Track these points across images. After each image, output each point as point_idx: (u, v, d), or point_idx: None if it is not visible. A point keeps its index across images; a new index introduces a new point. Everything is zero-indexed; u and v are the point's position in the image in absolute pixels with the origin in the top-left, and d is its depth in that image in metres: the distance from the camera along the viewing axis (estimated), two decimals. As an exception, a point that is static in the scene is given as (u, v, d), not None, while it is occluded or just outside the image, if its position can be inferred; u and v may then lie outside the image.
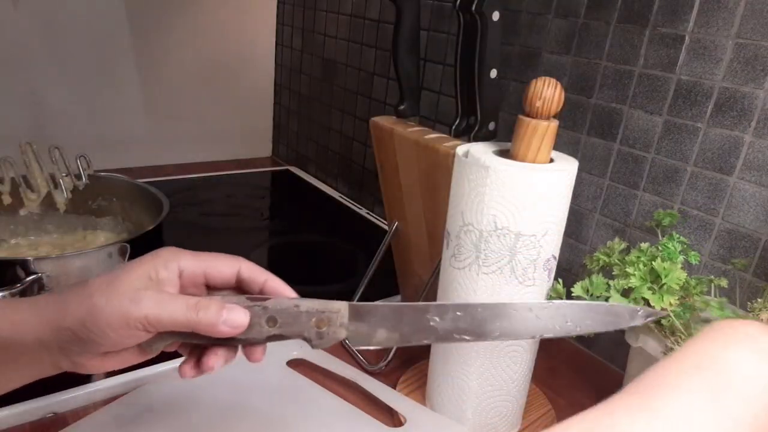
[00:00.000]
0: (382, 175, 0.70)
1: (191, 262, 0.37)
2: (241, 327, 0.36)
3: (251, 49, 1.29)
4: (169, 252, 0.37)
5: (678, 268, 0.47)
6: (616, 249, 0.53)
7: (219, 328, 0.35)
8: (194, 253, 0.38)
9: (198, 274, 0.38)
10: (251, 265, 0.39)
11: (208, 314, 0.35)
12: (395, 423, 0.55)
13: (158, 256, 0.37)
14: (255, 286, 0.39)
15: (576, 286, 0.49)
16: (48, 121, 1.07)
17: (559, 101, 0.45)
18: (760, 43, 0.54)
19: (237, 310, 0.36)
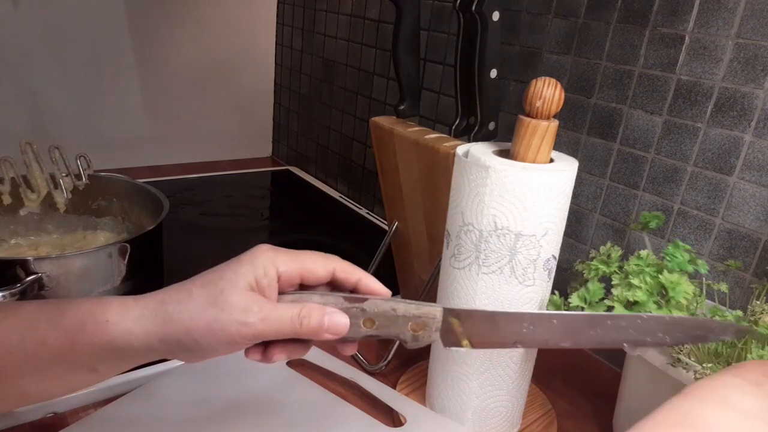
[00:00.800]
0: (382, 175, 0.70)
1: (288, 266, 0.38)
2: (342, 332, 0.37)
3: (251, 49, 1.29)
4: (266, 258, 0.37)
5: (685, 280, 0.45)
6: (615, 256, 0.52)
7: (322, 336, 0.37)
8: (290, 255, 0.38)
9: (294, 276, 0.38)
10: (345, 264, 0.40)
11: (311, 323, 0.36)
12: (395, 423, 0.55)
13: (257, 265, 0.37)
14: (348, 284, 0.39)
15: (573, 296, 0.48)
16: (48, 121, 1.07)
17: (559, 101, 0.45)
18: (760, 43, 0.54)
19: (337, 316, 0.37)
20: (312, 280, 0.39)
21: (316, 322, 0.36)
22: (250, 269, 0.36)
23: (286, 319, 0.36)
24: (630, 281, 0.47)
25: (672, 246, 0.50)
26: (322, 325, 0.36)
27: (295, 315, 0.36)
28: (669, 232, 0.63)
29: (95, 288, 0.60)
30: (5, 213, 0.72)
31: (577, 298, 0.48)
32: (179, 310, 0.35)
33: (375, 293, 0.39)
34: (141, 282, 0.66)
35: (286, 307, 0.36)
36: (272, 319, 0.35)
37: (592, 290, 0.48)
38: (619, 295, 0.46)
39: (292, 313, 0.36)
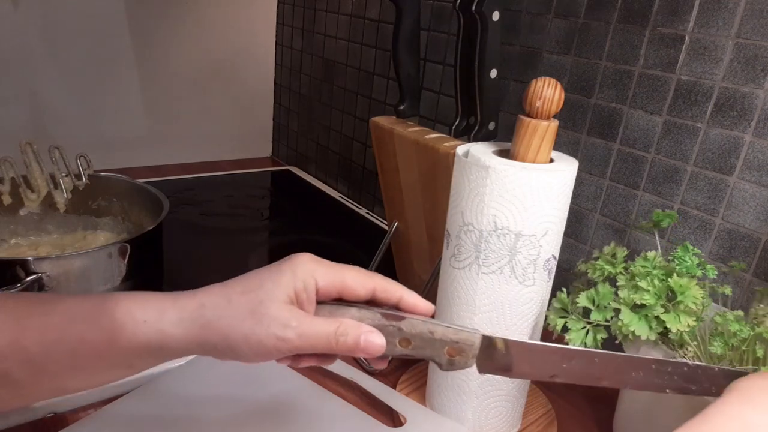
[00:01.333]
0: (382, 175, 0.70)
1: (327, 280, 0.37)
2: (377, 353, 0.37)
3: (251, 49, 1.29)
4: (307, 270, 0.37)
5: (694, 284, 0.45)
6: (620, 256, 0.51)
7: (357, 354, 0.37)
8: (330, 269, 0.38)
9: (332, 291, 0.38)
10: (386, 283, 0.39)
11: (347, 342, 0.36)
12: (395, 423, 0.55)
13: (297, 277, 0.37)
14: (390, 302, 0.39)
15: (581, 297, 0.47)
16: (48, 121, 1.07)
17: (559, 101, 0.45)
18: (760, 43, 0.54)
19: (374, 336, 0.36)
20: (351, 297, 0.38)
21: (352, 341, 0.36)
22: (290, 280, 0.36)
23: (323, 335, 0.36)
24: (637, 283, 0.46)
25: (681, 249, 0.49)
26: (358, 344, 0.36)
27: (331, 332, 0.36)
28: (669, 232, 0.63)
29: (95, 288, 0.60)
30: (5, 213, 0.72)
31: (585, 299, 0.47)
32: (218, 316, 0.35)
33: (417, 310, 0.39)
34: (141, 282, 0.66)
35: (323, 323, 0.36)
36: (309, 336, 0.35)
37: (602, 293, 0.47)
38: (626, 297, 0.46)
39: (329, 330, 0.36)
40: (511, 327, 0.49)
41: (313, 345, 0.36)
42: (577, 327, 0.47)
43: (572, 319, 0.48)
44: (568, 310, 0.48)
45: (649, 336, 0.44)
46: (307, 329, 0.35)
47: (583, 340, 0.46)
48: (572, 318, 0.48)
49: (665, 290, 0.45)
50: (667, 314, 0.44)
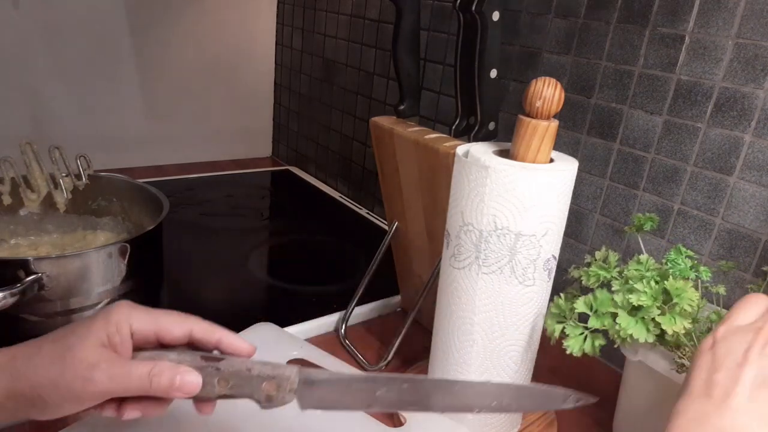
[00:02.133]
0: (382, 175, 0.70)
1: (143, 324, 0.38)
2: (193, 391, 0.37)
3: (251, 49, 1.29)
4: (120, 314, 0.37)
5: (690, 287, 0.45)
6: (612, 261, 0.51)
7: (173, 394, 0.36)
8: (145, 313, 0.38)
9: (150, 334, 0.38)
10: (204, 324, 0.39)
11: (161, 382, 0.36)
12: (395, 423, 0.55)
13: (109, 321, 0.36)
14: (209, 344, 0.39)
15: (578, 302, 0.47)
16: (48, 121, 1.07)
17: (559, 101, 0.45)
18: (760, 43, 0.54)
19: (190, 375, 0.36)
20: (168, 340, 0.38)
21: (166, 381, 0.36)
22: (103, 325, 0.36)
23: (135, 377, 0.35)
24: (632, 286, 0.46)
25: (674, 251, 0.49)
26: (173, 384, 0.36)
27: (144, 373, 0.35)
28: (669, 233, 0.63)
29: (95, 288, 0.60)
30: (5, 213, 0.72)
31: (582, 305, 0.47)
32: (27, 365, 0.35)
33: (236, 352, 0.39)
34: (141, 282, 0.66)
35: (136, 364, 0.36)
36: (120, 377, 0.35)
37: (600, 299, 0.47)
38: (622, 301, 0.46)
39: (142, 372, 0.35)
40: (510, 327, 0.49)
41: (125, 387, 0.35)
42: (575, 333, 0.47)
43: (570, 325, 0.47)
44: (566, 316, 0.48)
45: (647, 338, 0.44)
46: (118, 370, 0.35)
47: (581, 347, 0.46)
48: (570, 324, 0.48)
49: (661, 292, 0.45)
50: (663, 316, 0.44)
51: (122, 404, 0.37)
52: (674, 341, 0.46)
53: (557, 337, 0.48)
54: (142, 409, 0.38)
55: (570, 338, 0.47)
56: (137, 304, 0.39)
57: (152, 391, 0.36)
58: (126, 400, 0.38)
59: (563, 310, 0.48)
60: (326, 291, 0.79)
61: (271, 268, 0.87)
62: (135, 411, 0.37)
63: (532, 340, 0.51)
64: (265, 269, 0.86)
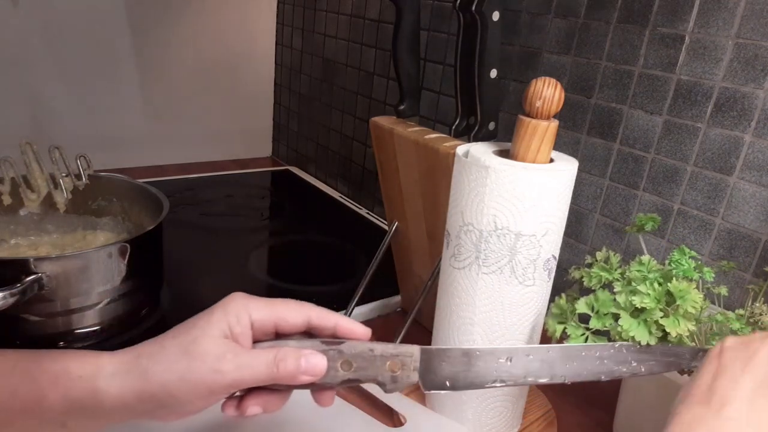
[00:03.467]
0: (382, 175, 0.70)
1: (261, 313, 0.37)
2: (320, 373, 0.36)
3: (251, 49, 1.29)
4: (238, 305, 0.37)
5: (693, 288, 0.44)
6: (614, 262, 0.51)
7: (300, 378, 0.36)
8: (264, 302, 0.38)
9: (268, 324, 0.38)
10: (320, 311, 0.39)
11: (288, 367, 0.35)
12: (395, 423, 0.55)
13: (228, 312, 0.36)
14: (326, 330, 0.39)
15: (580, 303, 0.47)
16: (48, 121, 1.07)
17: (559, 101, 0.45)
18: (760, 43, 0.54)
19: (315, 357, 0.36)
20: (287, 328, 0.38)
21: (293, 365, 0.35)
22: (223, 316, 0.36)
23: (262, 363, 0.35)
24: (635, 288, 0.46)
25: (678, 252, 0.49)
26: (299, 367, 0.35)
27: (270, 359, 0.35)
28: (669, 233, 0.63)
29: (95, 288, 0.60)
30: (5, 213, 0.72)
31: (584, 306, 0.47)
32: (153, 362, 0.34)
33: (354, 336, 0.39)
34: (141, 282, 0.66)
35: (261, 352, 0.36)
36: (248, 365, 0.35)
37: (601, 299, 0.47)
38: (624, 302, 0.46)
39: (268, 358, 0.35)
40: (510, 327, 0.49)
41: (253, 375, 0.35)
42: (576, 334, 0.47)
43: (571, 326, 0.47)
44: (567, 317, 0.48)
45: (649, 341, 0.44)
46: (245, 359, 0.35)
47: None
48: (571, 324, 0.47)
49: (664, 294, 0.45)
50: (666, 318, 0.44)
51: (242, 401, 0.37)
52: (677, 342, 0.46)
53: (558, 338, 0.48)
54: (262, 404, 0.38)
55: (571, 339, 0.47)
56: (253, 295, 0.38)
57: (279, 378, 0.35)
58: (246, 396, 0.38)
59: (564, 310, 0.48)
60: (326, 291, 0.79)
61: (271, 268, 0.87)
62: (256, 406, 0.37)
63: (532, 340, 0.51)
64: (265, 269, 0.86)
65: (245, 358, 0.35)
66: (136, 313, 0.67)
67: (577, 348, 0.38)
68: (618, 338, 0.45)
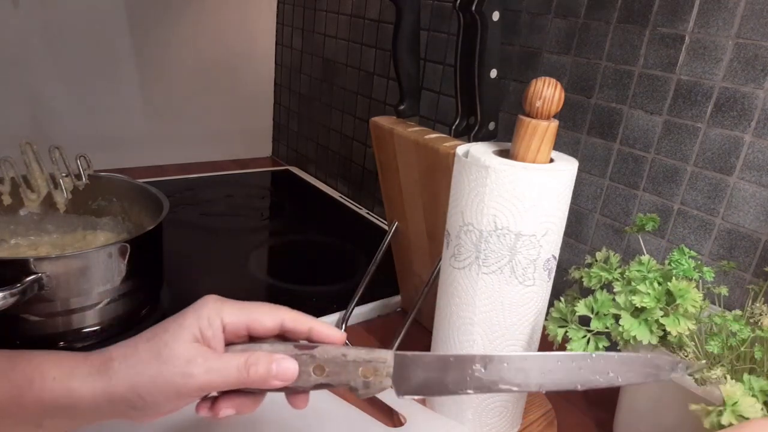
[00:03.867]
0: (382, 175, 0.70)
1: (234, 317, 0.37)
2: (291, 378, 0.36)
3: (251, 49, 1.29)
4: (210, 308, 0.37)
5: (693, 288, 0.44)
6: (614, 262, 0.51)
7: (270, 383, 0.36)
8: (236, 306, 0.38)
9: (241, 327, 0.38)
10: (295, 314, 0.39)
11: (258, 371, 0.36)
12: (395, 423, 0.55)
13: (200, 315, 0.36)
14: (300, 334, 0.39)
15: (579, 305, 0.47)
16: (48, 121, 1.07)
17: (559, 101, 0.45)
18: (760, 43, 0.54)
19: (286, 361, 0.36)
20: (260, 331, 0.38)
21: (263, 369, 0.35)
22: (194, 320, 0.36)
23: (232, 368, 0.35)
24: (635, 287, 0.46)
25: (677, 252, 0.49)
26: (270, 371, 0.36)
27: (241, 363, 0.35)
28: (669, 233, 0.63)
29: (95, 288, 0.60)
30: (5, 213, 0.72)
31: (583, 307, 0.47)
32: (125, 366, 0.35)
33: (328, 340, 0.39)
34: (141, 282, 0.66)
35: (232, 356, 0.36)
36: (218, 369, 0.35)
37: (600, 300, 0.47)
38: (624, 302, 0.46)
39: (239, 362, 0.35)
40: (510, 327, 0.49)
41: (223, 379, 0.35)
42: (577, 336, 0.47)
43: (572, 329, 0.47)
44: (567, 319, 0.48)
45: (650, 340, 0.44)
46: (215, 363, 0.35)
47: (585, 350, 0.46)
48: (572, 327, 0.47)
49: (664, 293, 0.45)
50: (667, 318, 0.44)
51: (216, 403, 0.38)
52: (677, 342, 0.46)
53: (560, 342, 0.48)
54: (236, 406, 0.38)
55: (573, 341, 0.47)
56: (226, 298, 0.38)
57: (250, 382, 0.36)
58: (219, 398, 0.38)
59: (564, 313, 0.48)
60: (326, 291, 0.79)
61: (271, 268, 0.87)
62: (229, 408, 0.38)
63: (532, 340, 0.51)
64: (265, 269, 0.86)
65: (215, 362, 0.35)
66: (136, 313, 0.67)
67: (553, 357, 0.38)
68: (619, 338, 0.46)
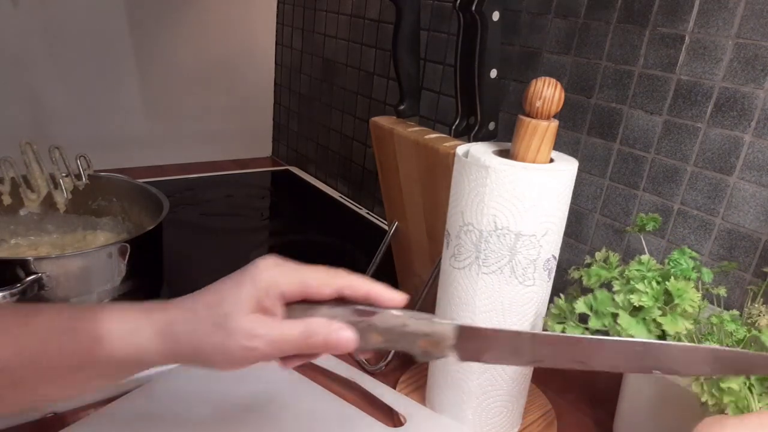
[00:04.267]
0: (382, 175, 0.70)
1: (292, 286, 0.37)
2: (349, 348, 0.37)
3: (251, 49, 1.29)
4: (268, 278, 0.37)
5: (692, 287, 0.44)
6: (614, 261, 0.51)
7: (329, 351, 0.37)
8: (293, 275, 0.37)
9: (297, 295, 0.38)
10: (352, 281, 0.38)
11: (317, 342, 0.36)
12: (395, 423, 0.55)
13: (258, 286, 0.36)
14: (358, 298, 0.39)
15: (579, 302, 0.47)
16: (48, 121, 1.07)
17: (559, 101, 0.45)
18: (760, 43, 0.54)
19: (345, 331, 0.36)
20: (316, 297, 0.38)
21: (321, 340, 0.36)
22: (252, 291, 0.36)
23: (292, 339, 0.36)
24: (634, 286, 0.46)
25: (678, 252, 0.49)
26: (328, 342, 0.36)
27: (299, 333, 0.36)
28: (669, 232, 0.63)
29: (95, 288, 0.60)
30: (5, 213, 0.72)
31: (583, 305, 0.47)
32: (187, 331, 0.36)
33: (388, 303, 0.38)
34: (141, 282, 0.66)
35: (290, 326, 0.36)
36: (278, 342, 0.36)
37: (600, 299, 0.47)
38: (623, 301, 0.46)
39: (298, 332, 0.36)
40: (510, 327, 0.49)
41: (283, 349, 0.36)
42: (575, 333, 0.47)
43: (570, 326, 0.47)
44: (566, 317, 0.48)
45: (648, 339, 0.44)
46: (275, 336, 0.36)
47: None
48: (570, 324, 0.48)
49: (662, 293, 0.45)
50: (665, 317, 0.44)
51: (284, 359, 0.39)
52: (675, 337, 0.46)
53: None
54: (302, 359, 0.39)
55: None
56: (282, 261, 0.38)
57: (308, 350, 0.36)
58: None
59: (563, 310, 0.48)
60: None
61: (271, 268, 0.87)
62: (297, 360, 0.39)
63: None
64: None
65: (276, 334, 0.36)
66: (136, 313, 0.67)
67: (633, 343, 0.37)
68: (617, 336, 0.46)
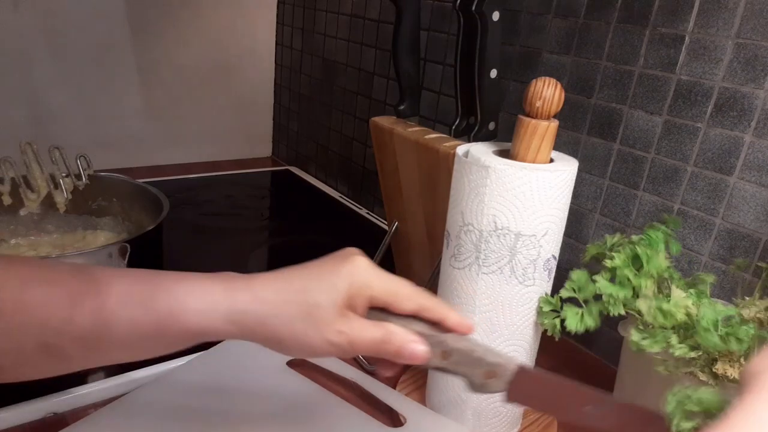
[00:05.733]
0: (382, 175, 0.70)
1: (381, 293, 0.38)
2: (419, 361, 0.38)
3: (251, 49, 1.29)
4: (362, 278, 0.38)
5: (659, 256, 0.48)
6: (609, 242, 0.53)
7: (401, 360, 0.38)
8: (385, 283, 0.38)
9: (383, 302, 0.39)
10: (432, 303, 0.39)
11: (392, 349, 0.37)
12: (395, 423, 0.55)
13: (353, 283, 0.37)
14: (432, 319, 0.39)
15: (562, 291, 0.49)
16: (48, 121, 1.07)
17: (559, 101, 0.45)
18: (760, 43, 0.54)
19: (419, 345, 0.37)
20: (397, 309, 0.39)
21: (397, 347, 0.37)
22: (347, 285, 0.37)
23: (370, 341, 0.37)
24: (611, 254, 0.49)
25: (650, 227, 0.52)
26: (403, 351, 0.37)
27: (379, 338, 0.37)
28: (669, 232, 0.63)
29: (95, 288, 0.60)
30: (5, 213, 0.72)
31: (566, 291, 0.49)
32: (273, 314, 0.36)
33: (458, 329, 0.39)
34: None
35: (371, 329, 0.37)
36: (358, 342, 0.37)
37: (576, 278, 0.49)
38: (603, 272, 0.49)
39: (376, 336, 0.37)
40: (510, 327, 0.49)
41: (359, 350, 0.37)
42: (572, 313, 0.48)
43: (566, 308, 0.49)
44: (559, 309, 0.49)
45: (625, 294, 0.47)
46: (358, 336, 0.36)
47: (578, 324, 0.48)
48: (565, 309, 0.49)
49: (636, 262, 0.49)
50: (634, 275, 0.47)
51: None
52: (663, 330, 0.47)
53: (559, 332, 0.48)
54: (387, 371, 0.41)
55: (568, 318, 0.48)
56: (372, 264, 0.39)
57: (381, 354, 0.37)
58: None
59: (553, 304, 0.49)
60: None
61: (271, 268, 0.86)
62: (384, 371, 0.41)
63: (533, 340, 0.51)
64: (265, 269, 0.86)
65: (358, 335, 0.36)
66: (136, 313, 0.67)
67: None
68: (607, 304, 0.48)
